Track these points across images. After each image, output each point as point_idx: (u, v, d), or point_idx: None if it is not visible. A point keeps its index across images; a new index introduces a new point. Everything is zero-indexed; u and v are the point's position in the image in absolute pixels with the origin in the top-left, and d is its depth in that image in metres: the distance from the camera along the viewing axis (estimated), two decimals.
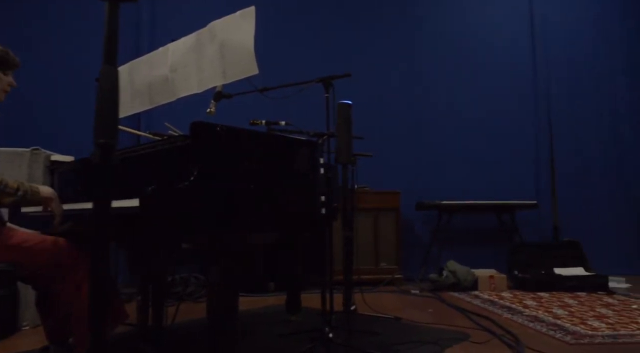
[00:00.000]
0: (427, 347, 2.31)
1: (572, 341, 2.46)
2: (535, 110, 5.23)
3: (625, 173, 5.29)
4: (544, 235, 5.03)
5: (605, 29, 5.45)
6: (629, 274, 4.84)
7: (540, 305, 3.46)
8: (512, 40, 5.30)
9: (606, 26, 5.45)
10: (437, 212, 4.68)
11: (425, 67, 5.10)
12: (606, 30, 5.45)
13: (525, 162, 5.17)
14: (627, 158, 5.31)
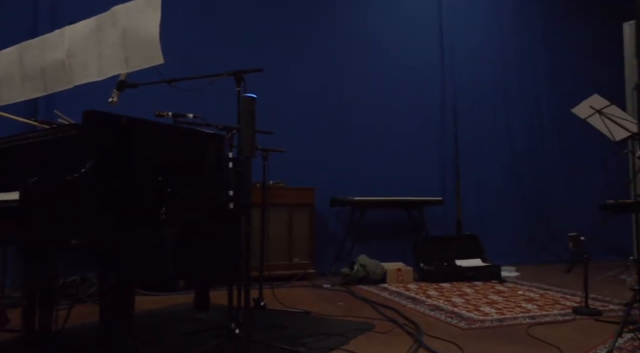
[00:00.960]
0: (334, 338, 2.37)
1: (466, 326, 2.65)
2: (442, 114, 5.54)
3: (518, 173, 5.80)
4: (449, 230, 5.38)
5: (502, 39, 5.91)
6: (519, 263, 5.32)
7: (442, 294, 3.69)
8: (423, 43, 5.56)
9: (504, 36, 5.91)
10: (351, 208, 4.82)
11: (340, 65, 5.20)
12: (503, 40, 5.92)
13: (433, 161, 5.47)
14: (520, 159, 5.82)
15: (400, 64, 5.41)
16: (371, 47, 5.34)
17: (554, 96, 5.95)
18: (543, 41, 6.10)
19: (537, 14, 6.11)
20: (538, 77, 6.03)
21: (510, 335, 2.50)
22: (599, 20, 5.91)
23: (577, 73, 6.03)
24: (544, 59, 6.07)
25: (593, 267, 5.13)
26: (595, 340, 2.35)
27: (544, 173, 5.90)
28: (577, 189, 5.89)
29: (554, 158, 5.96)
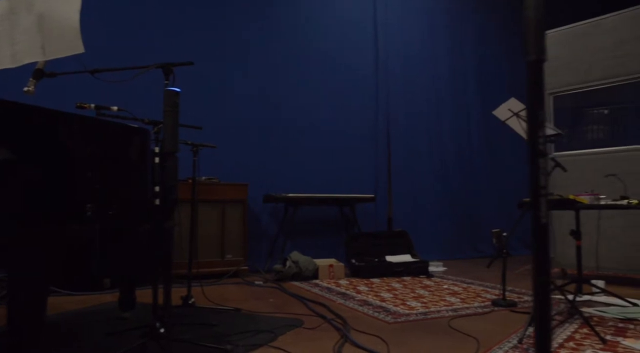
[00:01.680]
0: (262, 335, 2.37)
1: (391, 320, 2.75)
2: (375, 114, 5.68)
3: (447, 172, 6.07)
4: (380, 226, 5.53)
5: (434, 45, 6.15)
6: (446, 259, 5.58)
7: (371, 290, 3.80)
8: (358, 46, 5.67)
9: (436, 43, 6.15)
10: (284, 204, 4.83)
11: (276, 62, 5.18)
12: (436, 47, 6.16)
13: (366, 160, 5.60)
14: (448, 159, 6.09)
15: (336, 64, 5.48)
16: (308, 48, 5.37)
17: (480, 100, 6.28)
18: (472, 49, 6.41)
19: (468, 23, 6.40)
20: (467, 81, 6.33)
21: (433, 327, 2.62)
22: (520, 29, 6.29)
23: (502, 78, 6.40)
24: (472, 65, 6.39)
25: (513, 262, 5.50)
26: (510, 330, 2.51)
27: (470, 172, 6.22)
28: (501, 188, 6.26)
29: (480, 158, 6.30)
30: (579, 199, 2.95)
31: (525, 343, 2.25)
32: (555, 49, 4.49)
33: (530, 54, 0.72)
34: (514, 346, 2.22)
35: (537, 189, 0.66)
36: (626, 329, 2.54)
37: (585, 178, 4.08)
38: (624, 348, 2.18)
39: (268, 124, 5.06)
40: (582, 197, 3.02)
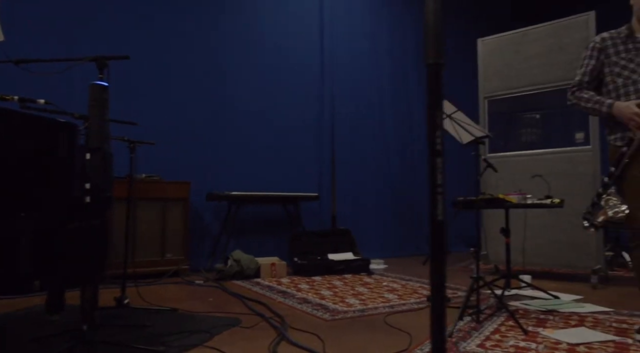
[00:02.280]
0: (198, 335, 2.34)
1: (330, 318, 2.79)
2: (320, 112, 5.71)
3: (389, 171, 6.21)
4: (324, 225, 5.58)
5: (379, 46, 6.28)
6: (388, 256, 5.72)
7: (312, 288, 3.83)
8: (303, 44, 5.68)
9: (381, 44, 6.29)
10: (227, 202, 4.77)
11: (219, 59, 5.09)
12: (380, 48, 6.29)
13: (311, 158, 5.63)
14: (391, 158, 6.25)
15: (281, 62, 5.47)
16: (252, 45, 5.31)
17: (422, 102, 6.48)
18: (415, 52, 6.60)
19: (411, 27, 6.59)
20: (409, 84, 6.51)
21: (369, 324, 2.68)
22: (460, 36, 6.57)
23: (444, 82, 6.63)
24: (414, 68, 6.57)
25: (452, 259, 5.73)
26: None
27: (414, 171, 6.39)
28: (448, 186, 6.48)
29: (421, 158, 6.49)
30: (508, 198, 3.11)
31: (455, 337, 2.36)
32: (489, 56, 4.72)
33: (429, 58, 0.75)
34: None
35: (434, 188, 0.70)
36: (546, 320, 2.71)
37: (515, 178, 4.31)
38: (543, 338, 2.33)
39: (211, 121, 4.97)
40: (511, 197, 3.19)
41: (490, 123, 4.72)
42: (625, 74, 2.42)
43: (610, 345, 2.23)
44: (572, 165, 4.07)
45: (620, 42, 2.47)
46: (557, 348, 2.17)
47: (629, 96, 2.39)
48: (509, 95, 4.61)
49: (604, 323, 2.65)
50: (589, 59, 2.57)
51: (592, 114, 2.55)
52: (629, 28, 2.47)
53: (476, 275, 2.68)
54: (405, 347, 2.21)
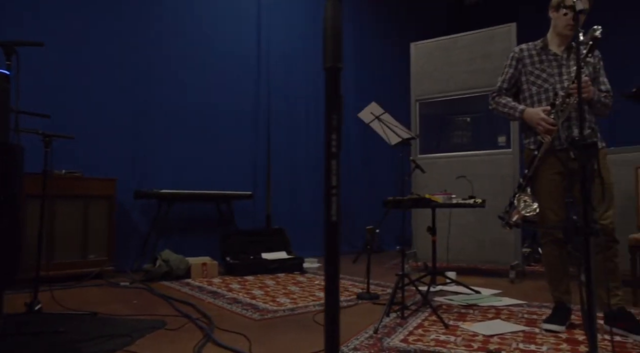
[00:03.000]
0: (118, 339, 2.23)
1: (259, 317, 2.76)
2: (255, 110, 5.64)
3: (322, 169, 6.26)
4: (258, 223, 5.53)
5: (316, 47, 6.30)
6: (320, 255, 5.77)
7: (244, 287, 3.78)
8: (237, 34, 5.55)
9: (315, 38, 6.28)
10: (157, 200, 4.60)
11: (150, 53, 4.86)
12: (317, 48, 6.30)
13: (245, 156, 5.54)
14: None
15: (216, 57, 5.34)
16: (186, 39, 5.14)
17: (358, 103, 6.56)
18: (351, 50, 6.70)
19: (347, 26, 6.68)
20: (346, 85, 6.59)
21: (299, 322, 2.69)
22: (395, 39, 6.76)
23: (377, 84, 6.79)
24: (351, 69, 6.68)
25: (385, 257, 5.88)
26: (369, 321, 2.67)
27: (347, 169, 6.49)
28: (377, 185, 6.63)
29: (357, 157, 6.61)
30: (434, 198, 3.23)
31: (380, 333, 2.41)
32: (421, 60, 4.89)
33: (327, 61, 0.76)
34: (370, 336, 2.36)
35: (328, 189, 0.70)
36: (467, 314, 2.85)
37: (443, 179, 4.49)
38: (462, 331, 2.44)
39: (140, 116, 4.76)
40: (437, 197, 3.32)
41: (421, 125, 4.89)
42: (538, 82, 2.59)
43: (520, 334, 2.38)
44: (494, 167, 4.30)
45: (535, 54, 2.64)
46: (474, 340, 2.28)
47: (542, 103, 2.56)
48: (438, 98, 4.80)
49: (517, 315, 2.82)
50: (508, 67, 2.73)
51: (509, 118, 2.71)
52: (544, 41, 2.65)
53: (401, 273, 2.76)
54: None
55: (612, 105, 2.55)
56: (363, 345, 2.21)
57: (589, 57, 2.41)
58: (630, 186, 3.61)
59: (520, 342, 2.24)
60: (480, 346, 2.18)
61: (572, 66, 2.53)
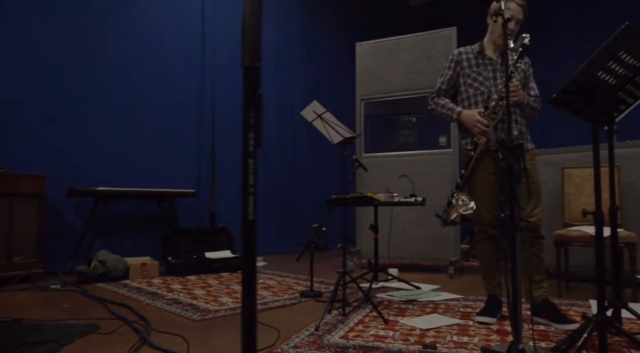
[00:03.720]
0: (44, 346, 2.11)
1: (199, 318, 2.70)
2: (199, 108, 5.51)
3: (271, 168, 6.23)
4: (203, 222, 5.42)
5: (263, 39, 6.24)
6: (269, 253, 5.75)
7: (185, 288, 3.69)
8: (183, 28, 5.40)
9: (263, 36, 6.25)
10: (93, 199, 4.39)
11: (90, 47, 4.64)
12: (264, 40, 6.24)
13: (189, 153, 5.41)
14: (271, 154, 6.26)
15: (159, 49, 5.17)
16: (128, 34, 4.93)
17: (307, 101, 6.56)
18: (299, 49, 6.70)
19: (297, 23, 6.68)
20: (293, 81, 6.59)
21: (239, 322, 2.65)
22: (344, 39, 6.83)
23: (326, 83, 6.83)
24: (299, 68, 6.67)
25: (330, 254, 5.92)
26: (311, 319, 2.67)
27: (295, 167, 6.48)
28: (324, 183, 6.66)
29: (303, 155, 6.61)
30: (376, 197, 3.29)
31: (321, 330, 2.42)
32: (366, 60, 4.96)
33: (245, 60, 0.75)
34: (311, 333, 2.37)
35: (246, 188, 0.70)
36: (406, 309, 2.92)
37: (386, 178, 4.58)
38: (400, 326, 2.50)
39: (75, 109, 4.51)
40: (379, 195, 3.38)
41: (366, 124, 4.97)
42: (475, 85, 2.69)
43: (455, 327, 2.47)
44: (435, 167, 4.44)
45: (473, 57, 2.74)
46: (411, 334, 2.35)
47: (478, 105, 2.67)
48: (382, 98, 4.89)
49: (453, 309, 2.92)
50: (447, 69, 2.82)
51: (447, 119, 2.80)
52: (480, 45, 2.76)
53: (342, 270, 2.79)
54: (272, 342, 2.22)
55: (541, 108, 2.70)
56: (304, 342, 2.22)
57: (519, 63, 2.53)
58: (557, 185, 3.84)
59: (454, 335, 2.33)
60: (417, 340, 2.24)
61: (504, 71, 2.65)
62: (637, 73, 1.88)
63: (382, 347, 2.14)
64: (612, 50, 1.69)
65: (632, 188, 3.67)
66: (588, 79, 1.76)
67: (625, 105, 2.14)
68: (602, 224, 1.87)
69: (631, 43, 1.69)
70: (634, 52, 1.72)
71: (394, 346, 2.14)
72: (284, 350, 2.11)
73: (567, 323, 2.43)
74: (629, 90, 2.03)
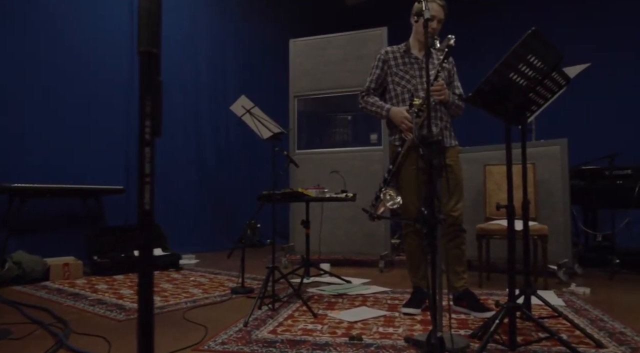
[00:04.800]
0: None
1: (124, 318, 2.61)
2: (128, 102, 5.25)
3: (204, 164, 6.09)
4: (134, 219, 5.19)
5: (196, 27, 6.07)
6: (203, 251, 5.63)
7: (111, 287, 3.54)
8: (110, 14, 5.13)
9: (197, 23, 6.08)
10: (8, 195, 4.09)
11: (10, 38, 4.31)
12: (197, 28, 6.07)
13: (119, 148, 5.15)
14: (206, 150, 6.12)
15: (84, 44, 4.87)
16: (53, 24, 4.61)
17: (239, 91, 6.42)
18: (234, 37, 6.58)
19: (231, 11, 6.56)
20: (226, 78, 6.47)
21: (167, 320, 2.59)
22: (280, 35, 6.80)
23: (260, 79, 6.78)
24: (233, 64, 6.56)
25: (265, 251, 5.90)
26: (241, 315, 2.65)
27: (227, 163, 6.37)
28: (259, 179, 6.60)
29: (238, 152, 6.51)
30: (306, 192, 3.32)
31: (250, 326, 2.42)
32: (300, 57, 4.98)
33: (141, 45, 0.73)
34: (240, 329, 2.36)
35: (142, 177, 0.69)
36: (336, 303, 2.98)
37: (319, 174, 4.62)
38: (329, 319, 2.55)
39: None
40: (310, 191, 3.41)
41: (300, 121, 4.99)
42: (402, 83, 2.79)
43: (381, 319, 2.56)
44: (366, 163, 4.54)
45: (399, 56, 2.84)
46: (339, 326, 2.40)
47: (405, 103, 2.76)
48: (314, 95, 4.93)
49: (381, 301, 3.02)
50: (375, 68, 2.89)
51: (376, 117, 2.88)
52: (407, 45, 2.86)
53: (272, 266, 2.80)
54: (199, 340, 2.19)
55: (466, 107, 2.84)
56: (231, 338, 2.20)
57: (445, 63, 2.65)
58: (480, 182, 4.06)
59: (380, 326, 2.40)
60: (344, 332, 2.29)
61: (430, 70, 2.76)
62: (546, 76, 2.03)
63: (310, 340, 2.17)
64: (522, 53, 1.82)
65: (546, 184, 3.96)
66: (500, 80, 1.87)
67: (536, 105, 2.31)
68: (514, 217, 2.01)
69: (539, 47, 1.82)
70: (541, 55, 1.85)
71: (321, 339, 2.18)
72: (211, 347, 2.08)
73: (485, 311, 2.58)
74: (539, 92, 2.19)
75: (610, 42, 6.14)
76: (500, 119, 2.09)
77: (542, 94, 2.21)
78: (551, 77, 2.09)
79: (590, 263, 4.52)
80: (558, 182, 3.92)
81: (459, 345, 2.00)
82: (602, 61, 5.53)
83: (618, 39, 6.12)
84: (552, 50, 1.86)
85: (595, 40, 6.15)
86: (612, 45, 6.11)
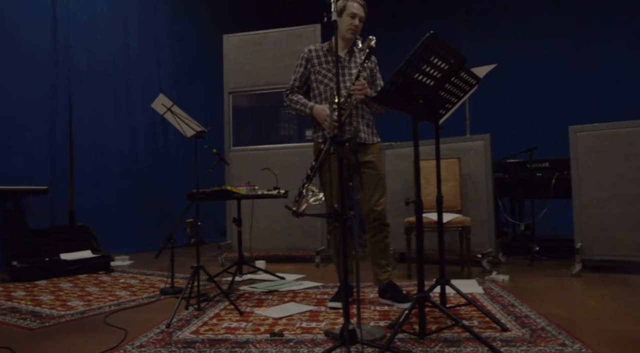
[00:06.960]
0: None
1: (37, 326, 2.49)
2: (53, 99, 4.98)
3: (138, 163, 5.88)
4: (60, 221, 4.94)
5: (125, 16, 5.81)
6: (138, 251, 5.46)
7: (30, 294, 3.36)
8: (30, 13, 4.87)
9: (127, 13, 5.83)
10: None
11: None
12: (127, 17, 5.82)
13: (43, 146, 4.88)
14: (139, 148, 5.91)
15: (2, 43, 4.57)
16: None
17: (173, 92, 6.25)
18: (168, 28, 6.38)
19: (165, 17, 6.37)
20: (160, 73, 6.25)
21: (86, 326, 2.49)
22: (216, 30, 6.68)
23: (194, 74, 6.63)
24: (168, 58, 6.37)
25: (205, 249, 5.78)
26: (167, 316, 2.59)
27: (162, 162, 6.18)
28: (192, 178, 6.42)
29: (173, 149, 6.34)
30: (236, 190, 3.30)
31: (173, 327, 2.38)
32: (235, 53, 4.91)
33: None
34: (161, 331, 2.31)
35: None
36: (266, 300, 2.98)
37: (254, 171, 4.59)
38: (255, 317, 2.55)
39: None
40: (240, 188, 3.39)
41: (235, 117, 4.93)
42: (325, 81, 2.82)
43: (307, 314, 2.59)
44: (300, 159, 4.55)
45: (322, 55, 2.86)
46: (263, 323, 2.41)
47: (328, 100, 2.79)
48: (249, 92, 4.89)
49: (311, 296, 3.05)
50: (299, 66, 2.91)
51: (301, 115, 2.90)
52: (329, 44, 2.89)
53: (197, 265, 2.77)
54: (117, 344, 2.13)
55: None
56: (150, 340, 2.16)
57: (366, 62, 2.70)
58: (410, 176, 4.18)
59: (304, 321, 2.43)
60: (267, 329, 2.30)
61: (352, 68, 2.81)
62: (452, 76, 2.12)
63: (231, 338, 2.16)
64: (424, 55, 1.88)
65: (472, 178, 4.14)
66: (405, 80, 1.93)
67: (450, 103, 2.41)
68: (422, 211, 2.09)
69: (440, 49, 1.89)
70: (443, 57, 1.92)
71: (242, 337, 2.18)
72: (127, 351, 2.03)
73: (407, 302, 2.67)
74: (451, 91, 2.28)
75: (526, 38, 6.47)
76: (409, 117, 2.16)
77: (454, 93, 2.31)
78: (460, 76, 2.18)
79: (515, 252, 4.79)
80: (482, 175, 4.11)
81: (375, 336, 2.06)
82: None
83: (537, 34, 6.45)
84: (454, 52, 1.94)
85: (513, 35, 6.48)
86: (534, 42, 6.43)
